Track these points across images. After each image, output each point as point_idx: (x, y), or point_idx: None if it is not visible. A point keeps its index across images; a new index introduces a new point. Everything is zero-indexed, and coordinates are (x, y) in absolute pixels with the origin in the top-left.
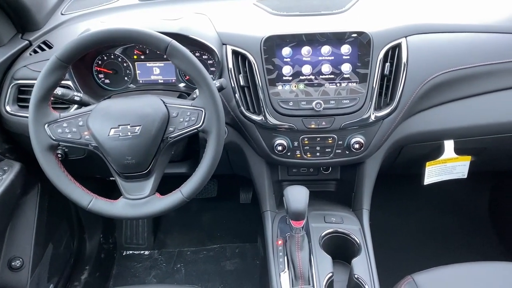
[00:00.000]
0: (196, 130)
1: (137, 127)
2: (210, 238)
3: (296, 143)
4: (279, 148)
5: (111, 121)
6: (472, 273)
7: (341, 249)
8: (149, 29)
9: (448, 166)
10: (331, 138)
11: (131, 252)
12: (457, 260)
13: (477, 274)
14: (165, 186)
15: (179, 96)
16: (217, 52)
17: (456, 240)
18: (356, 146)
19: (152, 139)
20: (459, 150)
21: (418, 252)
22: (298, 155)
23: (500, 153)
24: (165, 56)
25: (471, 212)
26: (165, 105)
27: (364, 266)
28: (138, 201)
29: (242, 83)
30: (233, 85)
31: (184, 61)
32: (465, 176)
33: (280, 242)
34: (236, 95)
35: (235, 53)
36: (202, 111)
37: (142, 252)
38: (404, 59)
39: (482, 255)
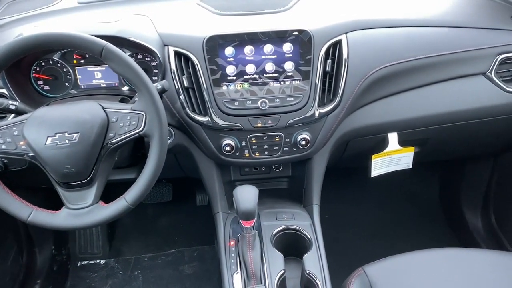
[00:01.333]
0: (137, 134)
1: (75, 134)
2: (167, 243)
3: (244, 143)
4: (227, 148)
5: (47, 129)
6: (421, 261)
7: (293, 246)
8: (83, 33)
9: (393, 158)
10: (278, 136)
11: (86, 262)
12: (409, 249)
13: (426, 262)
14: (116, 193)
15: (121, 100)
16: (158, 54)
17: (408, 229)
18: (303, 142)
19: (92, 146)
20: (403, 142)
21: (371, 243)
22: (247, 155)
23: (442, 143)
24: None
25: (421, 201)
26: (104, 110)
27: (315, 261)
28: (81, 210)
29: (186, 84)
30: (176, 86)
31: (121, 64)
32: (410, 167)
33: (232, 243)
34: (181, 96)
35: (177, 54)
36: (143, 114)
37: (97, 261)
38: (345, 55)
39: (434, 242)
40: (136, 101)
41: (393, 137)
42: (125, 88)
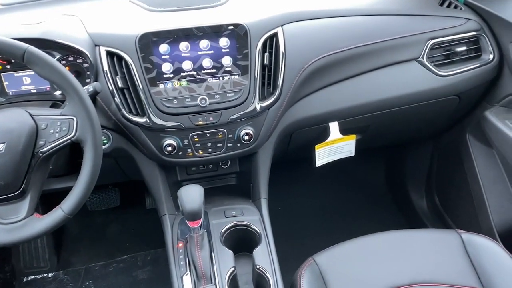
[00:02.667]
0: (69, 140)
1: (1, 145)
2: (119, 249)
3: (186, 142)
4: (169, 148)
5: None
6: (368, 245)
7: (243, 242)
8: (4, 36)
9: (336, 147)
10: (220, 133)
11: (32, 277)
12: (360, 234)
13: (372, 245)
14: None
15: (53, 105)
16: (88, 55)
17: (357, 215)
18: (246, 137)
19: (20, 156)
20: (344, 130)
21: (323, 232)
22: (190, 154)
23: (382, 129)
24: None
25: (369, 187)
26: (32, 117)
27: (265, 255)
28: (14, 224)
29: (120, 85)
30: (110, 88)
31: (46, 67)
32: (353, 154)
33: (180, 244)
34: (116, 98)
35: (109, 54)
36: (74, 119)
37: (45, 275)
38: (282, 48)
39: (383, 226)
40: (66, 105)
41: (334, 126)
42: (58, 93)
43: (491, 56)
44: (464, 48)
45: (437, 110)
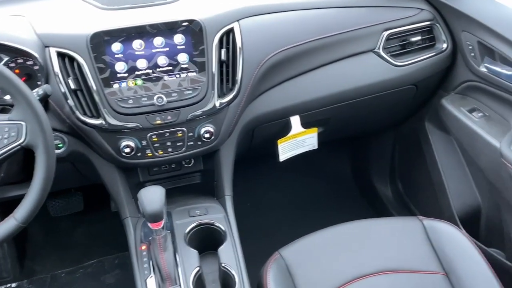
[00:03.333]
0: (19, 146)
1: None
2: (86, 254)
3: (144, 142)
4: (127, 150)
5: None
6: (333, 236)
7: (209, 240)
8: None
9: (298, 140)
10: (180, 132)
11: None
12: (329, 225)
13: (337, 236)
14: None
15: (2, 110)
16: (37, 56)
17: (326, 207)
18: (207, 135)
19: None
20: (306, 124)
21: (291, 226)
22: (149, 154)
23: (343, 121)
24: None
25: (335, 178)
26: None
27: (230, 253)
28: None
29: (73, 86)
30: (63, 90)
31: None
32: (316, 147)
33: (144, 247)
34: (69, 100)
35: (60, 55)
36: (22, 124)
37: (8, 285)
38: (239, 43)
39: (351, 217)
40: (14, 110)
41: (295, 120)
42: (7, 97)
43: (444, 45)
44: (418, 37)
45: (396, 100)
